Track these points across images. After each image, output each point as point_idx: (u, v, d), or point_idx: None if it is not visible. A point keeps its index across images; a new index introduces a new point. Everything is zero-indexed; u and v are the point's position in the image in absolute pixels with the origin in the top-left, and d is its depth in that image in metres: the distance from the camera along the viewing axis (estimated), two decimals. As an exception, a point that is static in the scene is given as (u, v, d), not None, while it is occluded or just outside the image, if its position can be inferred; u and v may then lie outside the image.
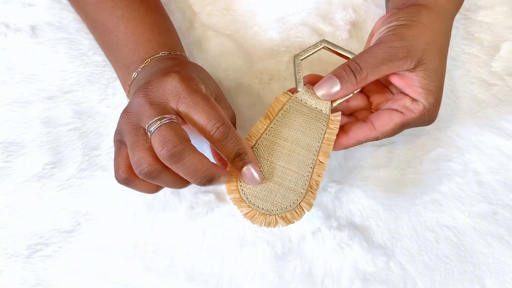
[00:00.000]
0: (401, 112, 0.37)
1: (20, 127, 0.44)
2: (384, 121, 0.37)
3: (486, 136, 0.45)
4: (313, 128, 0.37)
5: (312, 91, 0.37)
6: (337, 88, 0.36)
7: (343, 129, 0.38)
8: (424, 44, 0.36)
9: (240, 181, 0.35)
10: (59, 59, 0.45)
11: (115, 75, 0.45)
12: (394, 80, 0.37)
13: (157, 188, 0.35)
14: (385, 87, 0.40)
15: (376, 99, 0.40)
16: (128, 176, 0.33)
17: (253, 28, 0.47)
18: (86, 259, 0.42)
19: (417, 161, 0.44)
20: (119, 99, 0.45)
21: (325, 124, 0.37)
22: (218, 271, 0.42)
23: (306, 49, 0.39)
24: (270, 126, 0.37)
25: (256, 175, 0.34)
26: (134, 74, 0.39)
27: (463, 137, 0.45)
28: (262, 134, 0.36)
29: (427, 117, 0.37)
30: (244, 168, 0.34)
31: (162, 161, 0.31)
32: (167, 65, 0.37)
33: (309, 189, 0.35)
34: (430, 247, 0.43)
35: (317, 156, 0.36)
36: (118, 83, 0.45)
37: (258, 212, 0.34)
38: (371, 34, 0.40)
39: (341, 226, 0.43)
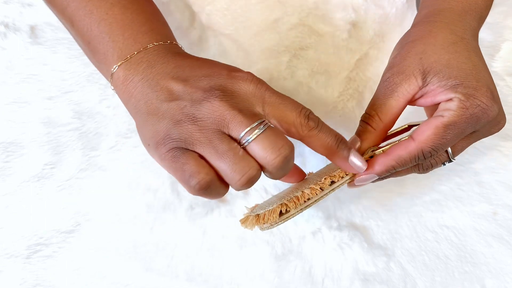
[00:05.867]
0: (440, 116, 0.33)
1: (20, 127, 0.43)
2: (422, 128, 0.33)
3: (486, 136, 0.45)
4: (333, 166, 0.36)
5: None
6: (357, 142, 0.35)
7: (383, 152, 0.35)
8: (417, 55, 0.34)
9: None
10: (59, 59, 0.45)
11: (115, 75, 0.45)
12: (420, 103, 0.35)
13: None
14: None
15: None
16: (213, 177, 0.30)
17: (252, 28, 0.47)
18: (86, 259, 0.42)
19: (417, 161, 0.44)
20: (118, 99, 0.45)
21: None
22: (218, 271, 0.42)
23: None
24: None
25: (361, 162, 0.33)
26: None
27: (463, 137, 0.45)
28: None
29: (481, 109, 0.32)
30: (351, 157, 0.33)
31: (270, 168, 0.30)
32: (191, 60, 0.33)
33: (293, 198, 0.33)
34: (430, 247, 0.43)
35: (324, 180, 0.34)
36: (118, 83, 0.45)
37: (249, 216, 0.34)
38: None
39: (341, 226, 0.43)
